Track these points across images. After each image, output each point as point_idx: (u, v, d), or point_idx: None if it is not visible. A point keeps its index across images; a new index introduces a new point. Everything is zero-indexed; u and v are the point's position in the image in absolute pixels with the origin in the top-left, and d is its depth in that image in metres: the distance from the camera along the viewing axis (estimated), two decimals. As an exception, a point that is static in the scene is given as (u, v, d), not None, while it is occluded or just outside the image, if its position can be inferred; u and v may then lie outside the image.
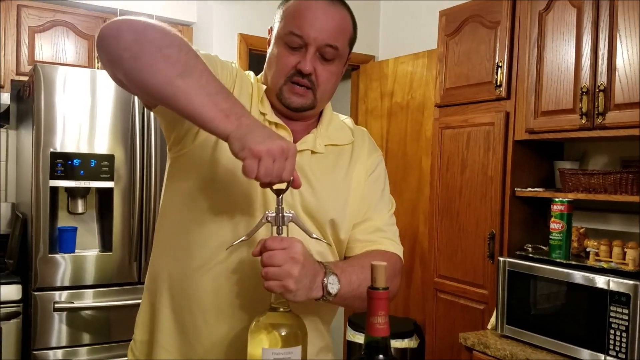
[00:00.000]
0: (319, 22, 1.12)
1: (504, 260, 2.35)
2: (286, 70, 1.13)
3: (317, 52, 1.13)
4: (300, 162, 1.13)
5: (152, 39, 0.96)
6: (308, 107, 1.16)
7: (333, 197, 1.17)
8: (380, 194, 1.26)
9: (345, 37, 1.17)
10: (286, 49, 1.13)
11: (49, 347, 2.58)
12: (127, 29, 0.96)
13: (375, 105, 3.79)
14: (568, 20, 2.27)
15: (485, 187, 2.58)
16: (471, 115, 2.67)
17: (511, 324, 2.30)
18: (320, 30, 1.11)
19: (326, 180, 1.17)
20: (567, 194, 2.29)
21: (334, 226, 1.18)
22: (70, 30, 3.15)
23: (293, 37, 1.12)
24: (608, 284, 1.98)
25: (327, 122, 1.24)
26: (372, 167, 1.26)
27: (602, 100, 2.13)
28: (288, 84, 1.14)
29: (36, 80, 2.58)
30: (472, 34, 2.68)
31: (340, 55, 1.16)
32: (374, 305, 0.83)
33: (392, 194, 1.35)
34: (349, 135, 1.26)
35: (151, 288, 1.21)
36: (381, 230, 1.23)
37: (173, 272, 1.16)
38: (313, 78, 1.14)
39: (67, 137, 2.63)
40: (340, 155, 1.22)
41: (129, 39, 0.95)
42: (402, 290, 3.53)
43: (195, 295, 1.13)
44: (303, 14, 1.12)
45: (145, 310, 1.23)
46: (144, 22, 0.99)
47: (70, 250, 2.66)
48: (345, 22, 1.16)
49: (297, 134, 1.19)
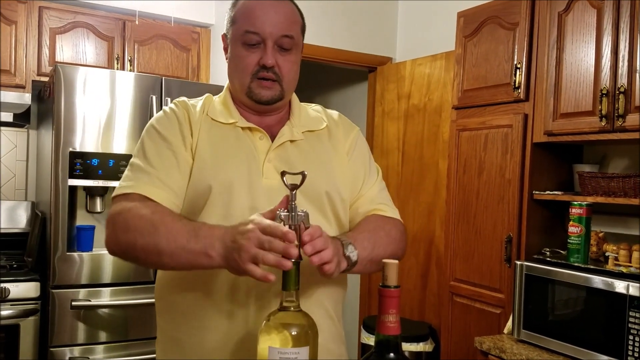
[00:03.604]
0: (271, 17, 1.19)
1: (521, 264, 2.32)
2: (250, 68, 1.20)
3: (275, 44, 1.19)
4: (283, 152, 1.21)
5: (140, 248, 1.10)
6: (277, 98, 1.22)
7: (320, 172, 1.22)
8: (366, 169, 1.32)
9: (297, 26, 1.24)
10: (245, 48, 1.20)
11: (66, 345, 2.60)
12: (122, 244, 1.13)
13: (392, 107, 3.78)
14: (588, 21, 2.24)
15: (502, 190, 2.55)
16: (489, 118, 2.64)
17: (528, 328, 2.27)
18: (274, 24, 1.18)
19: (311, 161, 1.23)
20: (586, 198, 2.26)
21: (331, 199, 1.23)
22: (90, 31, 3.20)
23: (250, 35, 1.18)
24: (627, 289, 1.94)
25: (297, 112, 1.30)
26: (351, 146, 1.32)
27: (622, 103, 2.10)
28: (255, 80, 1.20)
29: (57, 81, 2.62)
30: (491, 35, 2.66)
31: (296, 44, 1.23)
32: (385, 303, 0.82)
33: (408, 196, 1.39)
34: (321, 120, 1.32)
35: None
36: (375, 199, 1.30)
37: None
38: (277, 70, 1.20)
39: (86, 136, 2.67)
40: (318, 139, 1.28)
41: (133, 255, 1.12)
42: (417, 293, 3.51)
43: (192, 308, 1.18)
44: (255, 12, 1.19)
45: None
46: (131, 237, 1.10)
47: (88, 249, 2.69)
48: (294, 13, 1.24)
49: (272, 128, 1.25)
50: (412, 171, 3.55)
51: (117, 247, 1.13)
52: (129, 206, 1.11)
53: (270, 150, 1.21)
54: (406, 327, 0.84)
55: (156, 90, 2.83)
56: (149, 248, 1.06)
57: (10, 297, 2.59)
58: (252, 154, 1.20)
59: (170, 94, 2.84)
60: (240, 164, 1.18)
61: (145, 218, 1.08)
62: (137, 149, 1.24)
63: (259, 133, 1.23)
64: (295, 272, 0.97)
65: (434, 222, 3.42)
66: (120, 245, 1.12)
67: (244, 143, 1.21)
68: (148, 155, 1.19)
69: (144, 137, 1.23)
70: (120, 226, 1.10)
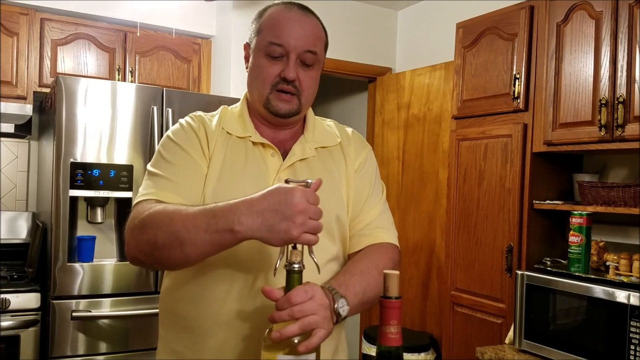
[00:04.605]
0: (297, 31, 1.19)
1: (522, 273, 2.32)
2: (271, 79, 1.19)
3: (298, 59, 1.19)
4: (293, 172, 1.21)
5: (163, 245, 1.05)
6: (294, 112, 1.22)
7: (331, 193, 1.21)
8: (371, 187, 1.31)
9: (321, 43, 1.24)
10: (268, 60, 1.19)
11: (67, 356, 2.59)
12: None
13: (392, 117, 3.79)
14: (586, 31, 2.25)
15: (503, 200, 2.55)
16: (488, 127, 2.65)
17: (529, 338, 2.27)
18: (299, 38, 1.18)
19: (323, 180, 1.19)
20: (586, 207, 2.26)
21: (340, 222, 1.22)
22: (91, 42, 3.21)
23: (274, 47, 1.18)
24: (628, 299, 1.94)
25: (312, 126, 1.30)
26: (361, 164, 1.31)
27: (622, 112, 2.10)
28: (274, 92, 1.20)
29: (58, 92, 2.63)
30: (490, 45, 2.68)
31: (318, 60, 1.23)
32: (386, 314, 0.82)
33: (409, 206, 1.38)
34: (335, 136, 1.31)
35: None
36: (375, 221, 1.28)
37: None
38: (297, 84, 1.20)
39: (87, 147, 2.67)
40: (330, 156, 1.28)
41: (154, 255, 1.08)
42: (418, 303, 3.50)
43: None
44: (281, 24, 1.19)
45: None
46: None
47: (88, 259, 2.69)
48: (319, 29, 1.24)
49: (286, 143, 1.25)
50: (413, 180, 3.55)
51: (139, 251, 1.09)
52: (144, 210, 1.10)
53: (280, 170, 1.21)
54: (407, 337, 0.82)
55: (157, 101, 2.84)
56: (169, 240, 1.02)
57: (11, 308, 2.58)
58: (261, 172, 1.20)
59: (171, 104, 2.85)
60: (249, 182, 1.17)
61: (159, 212, 1.06)
62: (154, 159, 1.22)
63: (271, 150, 1.22)
64: (298, 282, 0.98)
65: (434, 232, 3.43)
66: (141, 247, 1.08)
67: (255, 160, 1.21)
68: (166, 164, 1.18)
69: (161, 148, 1.22)
70: (138, 228, 1.08)
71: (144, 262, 1.12)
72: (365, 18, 3.81)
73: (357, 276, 1.13)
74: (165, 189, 1.15)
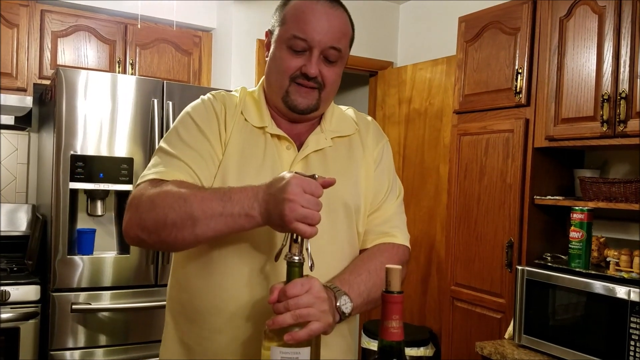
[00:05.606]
0: (323, 25, 1.13)
1: (522, 269, 2.32)
2: (291, 71, 1.15)
3: (321, 54, 1.14)
4: (306, 164, 1.18)
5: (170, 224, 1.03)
6: (313, 107, 1.18)
7: (344, 181, 1.17)
8: (390, 184, 1.28)
9: (347, 39, 1.19)
10: (289, 53, 1.14)
11: (66, 348, 2.60)
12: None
13: (393, 112, 3.78)
14: (589, 26, 2.24)
15: (503, 195, 2.55)
16: (490, 122, 2.64)
17: (529, 333, 2.27)
18: (324, 33, 1.13)
19: (335, 171, 1.17)
20: (587, 203, 2.26)
21: (348, 210, 1.19)
22: (92, 35, 3.20)
23: (297, 41, 1.13)
24: (628, 294, 1.94)
25: (330, 114, 1.26)
26: (379, 156, 1.28)
27: (624, 108, 2.10)
28: (293, 84, 1.16)
29: (58, 84, 2.62)
30: (492, 40, 2.66)
31: (342, 57, 1.18)
32: (388, 309, 0.82)
33: (409, 201, 1.36)
34: (352, 125, 1.27)
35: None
36: (391, 220, 1.26)
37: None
38: (319, 79, 1.15)
39: (87, 140, 2.67)
40: (347, 145, 1.25)
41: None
42: (418, 298, 3.50)
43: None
44: (306, 17, 1.13)
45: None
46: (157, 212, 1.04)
47: (88, 252, 2.69)
48: (346, 24, 1.18)
49: (302, 136, 1.22)
50: (413, 175, 3.55)
51: (141, 229, 1.05)
52: (153, 188, 1.07)
53: (294, 163, 1.18)
54: (407, 331, 0.83)
55: (157, 93, 2.83)
56: (181, 220, 1.00)
57: (11, 300, 2.59)
58: (275, 165, 1.16)
59: (171, 97, 2.85)
60: (261, 174, 1.13)
61: (172, 192, 1.03)
62: (169, 134, 1.18)
63: (286, 142, 1.19)
64: (298, 275, 0.98)
65: (434, 227, 3.42)
66: (145, 225, 1.04)
67: (270, 152, 1.17)
68: (181, 143, 1.15)
69: (178, 125, 1.18)
70: (145, 206, 1.05)
71: (145, 241, 1.08)
72: (367, 12, 3.79)
73: (363, 276, 1.12)
74: (177, 170, 1.11)
